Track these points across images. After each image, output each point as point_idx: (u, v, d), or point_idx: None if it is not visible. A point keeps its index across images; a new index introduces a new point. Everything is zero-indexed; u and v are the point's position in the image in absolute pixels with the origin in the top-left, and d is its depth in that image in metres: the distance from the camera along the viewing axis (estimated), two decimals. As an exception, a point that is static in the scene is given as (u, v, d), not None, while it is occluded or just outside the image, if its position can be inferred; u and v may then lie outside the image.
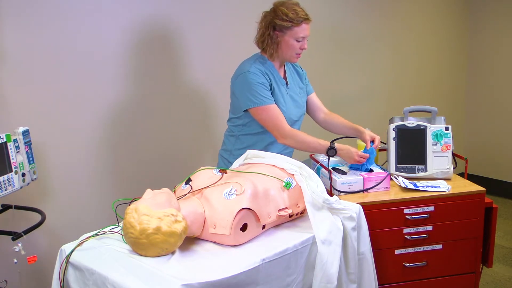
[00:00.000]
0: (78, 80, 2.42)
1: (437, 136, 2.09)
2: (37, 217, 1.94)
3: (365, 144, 2.29)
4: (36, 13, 2.23)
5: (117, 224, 1.67)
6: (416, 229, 1.96)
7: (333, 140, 2.21)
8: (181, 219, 1.49)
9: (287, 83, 2.21)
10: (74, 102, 2.42)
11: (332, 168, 2.07)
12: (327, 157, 2.05)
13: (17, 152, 1.83)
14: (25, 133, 1.87)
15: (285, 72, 2.24)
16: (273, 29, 2.10)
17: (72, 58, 2.38)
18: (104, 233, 1.62)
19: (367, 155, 2.04)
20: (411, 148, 2.10)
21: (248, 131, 2.19)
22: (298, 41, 2.09)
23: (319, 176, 1.94)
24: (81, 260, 1.48)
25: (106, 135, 2.55)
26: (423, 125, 2.10)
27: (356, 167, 2.09)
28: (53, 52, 2.32)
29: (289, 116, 2.16)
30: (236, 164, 1.95)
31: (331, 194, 1.88)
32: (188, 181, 1.74)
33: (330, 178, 2.00)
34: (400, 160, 2.10)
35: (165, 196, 1.53)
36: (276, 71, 2.17)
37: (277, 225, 1.74)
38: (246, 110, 2.11)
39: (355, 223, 1.72)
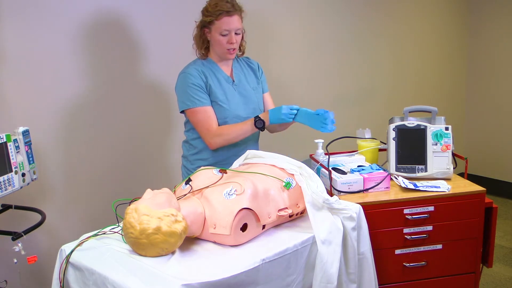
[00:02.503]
0: (77, 80, 2.42)
1: (437, 136, 2.09)
2: (37, 217, 1.94)
3: (364, 144, 2.29)
4: (36, 13, 2.24)
5: (117, 224, 1.67)
6: (416, 229, 1.96)
7: (332, 141, 2.21)
8: (181, 219, 1.49)
9: (233, 80, 2.15)
10: (74, 102, 2.42)
11: (332, 168, 2.07)
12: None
13: (17, 152, 1.83)
14: (25, 133, 1.87)
15: (232, 69, 2.17)
16: (202, 27, 2.06)
17: (71, 58, 2.39)
18: (104, 233, 1.62)
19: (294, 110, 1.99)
20: (411, 148, 2.10)
21: (196, 134, 2.14)
22: (224, 35, 2.01)
23: (319, 176, 1.94)
24: (81, 260, 1.48)
25: (106, 135, 2.55)
26: (423, 125, 2.10)
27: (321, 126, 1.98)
28: (53, 52, 2.32)
29: (236, 113, 2.11)
30: (236, 164, 1.95)
31: (331, 194, 1.88)
32: (188, 181, 1.74)
33: (330, 178, 2.00)
34: (400, 160, 2.10)
35: (165, 196, 1.53)
36: (219, 68, 2.13)
37: (277, 225, 1.74)
38: (183, 112, 2.11)
39: (355, 223, 1.72)
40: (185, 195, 1.68)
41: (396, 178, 2.06)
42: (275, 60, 3.16)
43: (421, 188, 1.98)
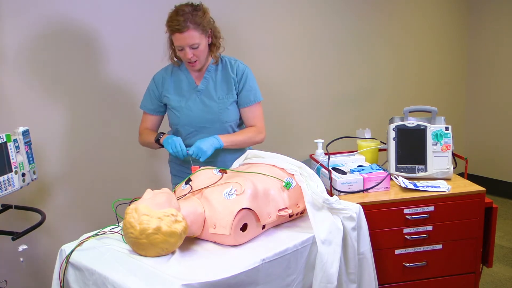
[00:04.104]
0: (77, 80, 2.42)
1: (437, 136, 2.09)
2: (37, 217, 1.94)
3: (364, 144, 2.29)
4: (36, 12, 2.24)
5: (117, 224, 1.67)
6: (416, 229, 1.96)
7: (332, 141, 2.22)
8: (181, 219, 1.49)
9: (197, 86, 2.12)
10: (74, 102, 2.42)
11: (332, 168, 2.07)
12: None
13: (17, 152, 1.83)
14: (25, 133, 1.87)
15: (206, 73, 2.12)
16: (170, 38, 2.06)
17: (71, 58, 2.39)
18: (104, 233, 1.62)
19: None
20: (411, 148, 2.10)
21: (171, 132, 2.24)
22: (180, 50, 1.99)
23: (319, 176, 1.94)
24: (81, 260, 1.48)
25: (106, 134, 2.55)
26: (423, 125, 2.10)
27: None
28: (53, 52, 2.32)
29: (191, 122, 2.10)
30: (236, 164, 1.95)
31: (331, 194, 1.88)
32: (188, 181, 1.74)
33: (330, 178, 2.00)
34: (400, 160, 2.10)
35: (165, 196, 1.53)
36: (189, 74, 2.12)
37: (277, 225, 1.74)
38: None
39: (355, 223, 1.73)
40: (185, 195, 1.68)
41: (396, 178, 2.06)
42: (275, 60, 3.16)
43: (421, 188, 1.98)
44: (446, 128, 2.09)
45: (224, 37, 2.12)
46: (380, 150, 2.28)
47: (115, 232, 1.63)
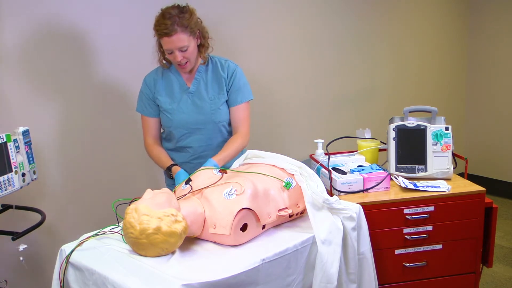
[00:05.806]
0: (77, 79, 2.42)
1: (437, 136, 2.09)
2: (37, 217, 1.94)
3: (364, 144, 2.29)
4: (36, 13, 2.24)
5: (117, 224, 1.67)
6: (416, 229, 1.96)
7: (332, 141, 2.22)
8: (181, 219, 1.49)
9: (189, 87, 2.10)
10: (74, 102, 2.42)
11: (332, 168, 2.07)
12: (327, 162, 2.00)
13: (17, 152, 1.83)
14: (25, 133, 1.87)
15: (196, 74, 2.11)
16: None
17: (72, 58, 2.39)
18: (104, 233, 1.62)
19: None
20: (411, 148, 2.10)
21: (164, 134, 2.23)
22: (169, 53, 1.97)
23: (319, 176, 1.94)
24: (81, 260, 1.48)
25: (106, 134, 2.55)
26: (423, 125, 2.10)
27: None
28: (53, 51, 2.32)
29: (184, 124, 2.09)
30: (236, 164, 1.95)
31: (331, 194, 1.88)
32: (188, 181, 1.74)
33: (330, 178, 2.00)
34: (400, 160, 2.10)
35: (165, 196, 1.53)
36: (179, 76, 2.11)
37: (277, 225, 1.74)
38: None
39: (355, 223, 1.73)
40: (185, 195, 1.68)
41: (396, 178, 2.06)
42: (275, 60, 3.16)
43: (421, 188, 1.98)
44: (446, 128, 2.09)
45: (225, 38, 2.13)
46: (380, 150, 2.28)
47: (115, 232, 1.63)
